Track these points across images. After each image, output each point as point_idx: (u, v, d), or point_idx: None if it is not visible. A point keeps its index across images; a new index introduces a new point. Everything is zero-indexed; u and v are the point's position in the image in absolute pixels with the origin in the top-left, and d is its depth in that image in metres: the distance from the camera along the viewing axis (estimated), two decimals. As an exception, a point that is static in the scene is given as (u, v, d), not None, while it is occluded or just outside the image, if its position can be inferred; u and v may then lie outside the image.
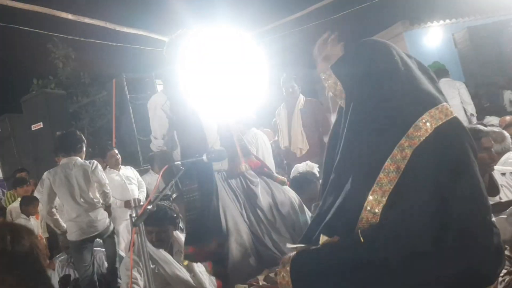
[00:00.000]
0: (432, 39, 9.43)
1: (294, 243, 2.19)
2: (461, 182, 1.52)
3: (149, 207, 1.96)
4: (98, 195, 4.14)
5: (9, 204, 5.72)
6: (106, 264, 4.10)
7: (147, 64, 8.10)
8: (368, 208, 1.53)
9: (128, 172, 5.59)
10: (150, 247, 2.82)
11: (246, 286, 2.50)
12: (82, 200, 3.99)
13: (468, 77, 9.10)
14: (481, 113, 7.29)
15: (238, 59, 2.73)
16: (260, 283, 2.51)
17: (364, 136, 1.65)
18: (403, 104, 1.62)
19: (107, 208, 4.27)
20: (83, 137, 4.32)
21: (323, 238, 1.64)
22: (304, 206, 3.16)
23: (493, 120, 5.82)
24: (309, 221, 2.99)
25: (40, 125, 6.83)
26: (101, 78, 9.56)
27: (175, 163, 2.35)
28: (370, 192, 1.54)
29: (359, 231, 1.53)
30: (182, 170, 2.24)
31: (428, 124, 1.54)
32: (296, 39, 8.71)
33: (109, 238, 4.13)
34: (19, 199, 5.35)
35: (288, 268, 1.59)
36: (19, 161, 7.12)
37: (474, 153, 1.62)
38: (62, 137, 4.21)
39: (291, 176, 3.75)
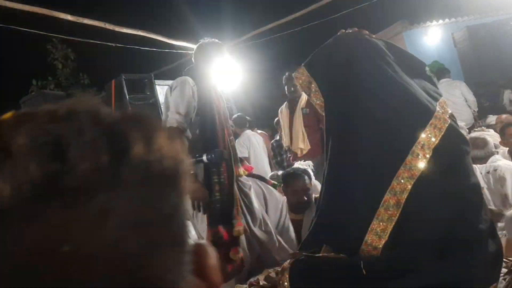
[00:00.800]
0: (431, 38, 9.42)
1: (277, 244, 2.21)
2: (469, 211, 1.43)
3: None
4: None
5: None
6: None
7: (146, 65, 8.10)
8: (369, 241, 1.47)
9: None
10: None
11: (246, 286, 2.49)
12: None
13: (468, 76, 9.09)
14: (481, 112, 7.28)
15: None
16: (261, 283, 2.50)
17: (351, 156, 1.54)
18: (395, 123, 1.50)
19: None
20: None
21: (325, 250, 1.64)
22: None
23: (495, 120, 5.81)
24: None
25: (39, 126, 6.83)
26: (100, 79, 9.55)
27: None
28: (370, 227, 1.45)
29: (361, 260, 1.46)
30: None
31: (425, 148, 1.43)
32: (296, 39, 8.71)
33: None
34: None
35: (287, 275, 1.60)
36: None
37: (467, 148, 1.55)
38: None
39: None
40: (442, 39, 9.48)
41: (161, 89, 7.53)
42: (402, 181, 1.43)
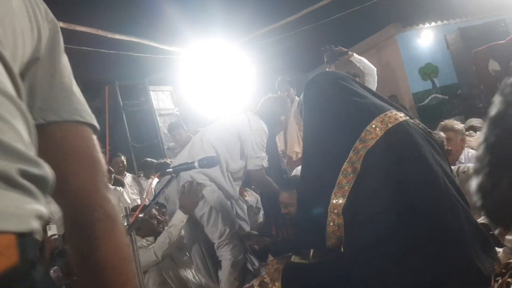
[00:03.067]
0: (424, 40, 9.47)
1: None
2: (413, 171, 1.63)
3: (140, 215, 1.94)
4: None
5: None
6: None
7: (140, 71, 8.07)
8: (334, 210, 1.65)
9: (129, 180, 5.59)
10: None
11: None
12: None
13: (461, 78, 9.15)
14: (476, 114, 7.30)
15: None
16: (255, 289, 2.49)
17: (319, 147, 1.82)
18: (352, 115, 1.80)
19: None
20: None
21: (314, 253, 1.69)
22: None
23: (473, 121, 5.78)
24: None
25: (33, 133, 6.79)
26: (94, 86, 9.52)
27: (167, 170, 2.33)
28: (332, 196, 1.65)
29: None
30: (173, 177, 2.22)
31: (377, 129, 1.69)
32: (290, 43, 8.72)
33: None
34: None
35: (279, 285, 1.65)
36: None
37: (432, 148, 1.73)
38: None
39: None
40: (435, 41, 9.53)
41: (155, 95, 7.52)
42: (358, 152, 1.67)
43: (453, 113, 8.16)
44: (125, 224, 1.93)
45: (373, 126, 1.70)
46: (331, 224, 1.64)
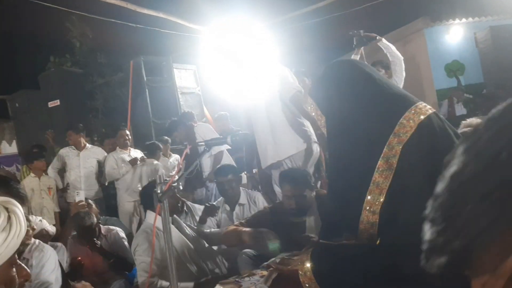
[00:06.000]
0: (453, 37, 9.29)
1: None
2: None
3: (174, 184, 1.97)
4: None
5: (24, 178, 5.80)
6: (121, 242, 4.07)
7: (165, 48, 8.10)
8: (367, 208, 1.59)
9: (137, 155, 5.65)
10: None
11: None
12: None
13: (488, 78, 8.98)
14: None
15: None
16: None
17: (350, 142, 1.73)
18: (384, 108, 1.71)
19: None
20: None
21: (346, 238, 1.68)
22: None
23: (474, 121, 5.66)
24: None
25: (57, 102, 6.88)
26: (118, 59, 9.56)
27: (199, 142, 2.36)
28: (368, 193, 1.59)
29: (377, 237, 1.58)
30: (206, 150, 2.25)
31: (411, 121, 1.62)
32: (313, 31, 8.64)
33: None
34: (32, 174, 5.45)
35: (308, 265, 1.64)
36: (34, 137, 7.18)
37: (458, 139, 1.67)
38: None
39: None
40: (464, 38, 9.35)
41: (178, 73, 7.53)
42: (393, 147, 1.61)
43: (476, 113, 8.05)
44: (159, 192, 1.97)
45: (407, 118, 1.65)
46: (364, 221, 1.61)
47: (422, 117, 1.64)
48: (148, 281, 2.24)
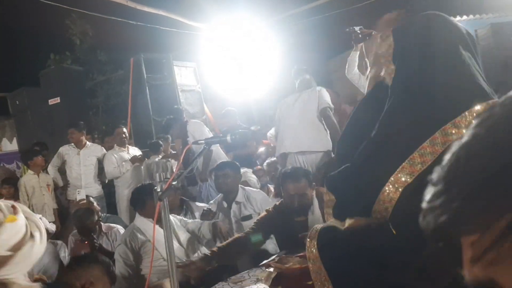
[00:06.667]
0: (453, 34, 9.27)
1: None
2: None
3: (174, 182, 1.97)
4: None
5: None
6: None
7: (165, 45, 8.09)
8: (393, 181, 1.51)
9: (136, 152, 5.68)
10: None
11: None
12: None
13: (489, 75, 8.96)
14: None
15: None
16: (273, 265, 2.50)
17: (409, 112, 1.59)
18: (456, 91, 1.58)
19: None
20: None
21: (349, 221, 1.62)
22: None
23: None
24: None
25: (57, 99, 6.87)
26: (118, 57, 9.57)
27: (199, 141, 2.37)
28: (399, 169, 1.50)
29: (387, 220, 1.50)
30: (205, 148, 2.25)
31: (472, 116, 1.48)
32: (314, 29, 8.61)
33: None
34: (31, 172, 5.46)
35: (315, 242, 1.59)
36: (35, 134, 7.18)
37: None
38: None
39: None
40: (465, 36, 9.32)
41: (179, 70, 7.53)
42: (447, 135, 1.48)
43: (477, 110, 8.04)
44: (159, 190, 1.97)
45: (473, 112, 1.52)
46: (385, 193, 1.52)
47: (488, 112, 1.54)
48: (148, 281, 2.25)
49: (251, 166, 5.27)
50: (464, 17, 9.33)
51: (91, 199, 4.11)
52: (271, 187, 4.81)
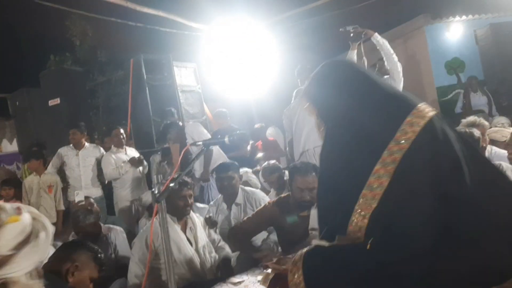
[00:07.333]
0: (453, 34, 9.27)
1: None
2: (459, 179, 1.53)
3: (171, 184, 1.99)
4: None
5: (26, 177, 5.81)
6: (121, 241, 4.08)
7: (165, 46, 8.10)
8: (359, 210, 1.55)
9: (133, 153, 5.68)
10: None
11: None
12: None
13: (488, 75, 8.97)
14: (500, 112, 7.19)
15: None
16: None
17: (349, 146, 1.67)
18: (384, 110, 1.66)
19: None
20: None
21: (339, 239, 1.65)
22: None
23: (501, 120, 5.69)
24: None
25: (57, 100, 6.88)
26: (118, 57, 9.59)
27: (197, 143, 2.38)
28: (361, 196, 1.55)
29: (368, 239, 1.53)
30: (203, 149, 2.26)
31: (413, 126, 1.57)
32: (314, 30, 8.63)
33: None
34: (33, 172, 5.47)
35: (300, 267, 1.62)
36: (35, 135, 7.19)
37: (465, 144, 1.64)
38: None
39: None
40: (464, 36, 9.33)
41: (178, 71, 7.54)
42: (393, 154, 1.55)
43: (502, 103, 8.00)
44: (156, 192, 1.98)
45: (408, 124, 1.59)
46: (353, 224, 1.57)
47: (423, 122, 1.59)
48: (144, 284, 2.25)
49: (251, 166, 5.28)
50: (464, 17, 9.33)
51: (92, 200, 4.11)
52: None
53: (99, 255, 2.30)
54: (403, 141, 1.54)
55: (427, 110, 1.65)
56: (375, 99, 1.70)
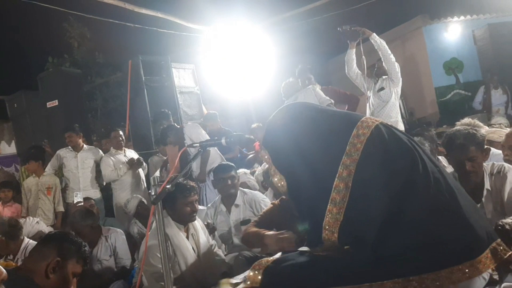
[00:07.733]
0: (451, 34, 9.29)
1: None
2: (413, 166, 1.67)
3: (168, 186, 1.98)
4: None
5: (24, 179, 5.80)
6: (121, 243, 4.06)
7: (163, 47, 8.10)
8: (327, 227, 1.66)
9: (132, 155, 5.68)
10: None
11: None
12: None
13: (486, 75, 8.98)
14: (498, 113, 7.19)
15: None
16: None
17: (306, 165, 1.79)
18: (333, 130, 1.81)
19: None
20: None
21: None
22: None
23: (500, 120, 5.69)
24: None
25: (55, 102, 6.86)
26: (116, 59, 9.56)
27: (194, 144, 2.37)
28: (326, 213, 1.67)
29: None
30: (200, 151, 2.25)
31: (360, 137, 1.72)
32: (313, 31, 8.64)
33: None
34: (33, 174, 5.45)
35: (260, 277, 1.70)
36: (33, 137, 7.17)
37: (414, 141, 1.78)
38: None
39: None
40: (462, 36, 9.34)
41: (177, 72, 7.52)
42: (347, 167, 1.68)
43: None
44: (153, 194, 1.97)
45: (355, 136, 1.73)
46: (326, 239, 1.68)
47: (368, 131, 1.73)
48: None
49: (244, 168, 5.28)
50: (462, 17, 9.35)
51: (92, 201, 4.10)
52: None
53: (83, 248, 2.11)
54: (353, 154, 1.69)
55: (371, 120, 1.79)
56: (322, 125, 1.84)
